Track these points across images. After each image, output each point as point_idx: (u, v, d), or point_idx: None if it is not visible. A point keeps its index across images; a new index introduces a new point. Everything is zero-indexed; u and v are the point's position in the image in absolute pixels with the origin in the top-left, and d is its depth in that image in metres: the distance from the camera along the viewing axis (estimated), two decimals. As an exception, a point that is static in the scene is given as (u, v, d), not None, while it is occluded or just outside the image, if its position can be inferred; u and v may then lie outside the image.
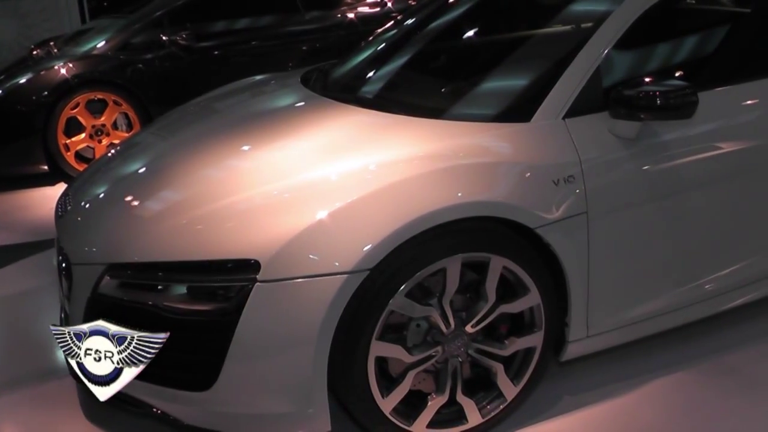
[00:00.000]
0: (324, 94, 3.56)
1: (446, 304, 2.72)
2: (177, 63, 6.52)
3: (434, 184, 2.69)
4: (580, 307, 2.96)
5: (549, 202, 2.79)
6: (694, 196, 3.18)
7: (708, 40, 3.68)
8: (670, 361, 3.39)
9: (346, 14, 6.98)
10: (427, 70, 3.71)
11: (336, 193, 2.69)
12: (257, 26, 7.04)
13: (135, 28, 6.69)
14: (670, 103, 2.87)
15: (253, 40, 6.84)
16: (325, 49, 6.59)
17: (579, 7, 3.48)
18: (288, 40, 6.77)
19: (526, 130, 2.93)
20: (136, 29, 6.67)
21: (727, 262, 3.40)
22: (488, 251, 2.72)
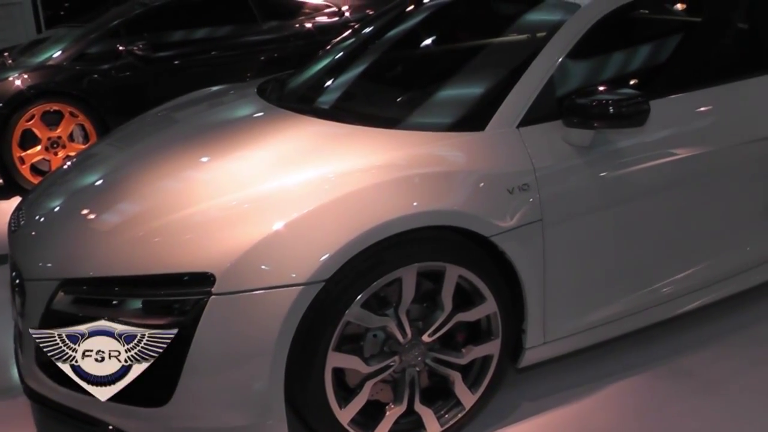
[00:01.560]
0: (280, 104, 3.55)
1: (402, 314, 2.73)
2: (134, 73, 6.47)
3: (389, 194, 2.70)
4: (537, 314, 2.98)
5: (504, 211, 2.81)
6: (648, 203, 3.22)
7: (661, 49, 3.74)
8: (627, 364, 3.42)
9: (304, 24, 6.99)
10: (383, 79, 3.73)
11: (291, 204, 2.69)
12: (215, 36, 7.02)
13: (91, 38, 6.64)
14: (623, 111, 2.90)
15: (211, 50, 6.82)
16: (283, 59, 6.59)
17: (533, 17, 3.50)
18: (246, 50, 6.75)
19: (480, 139, 2.95)
20: (92, 39, 6.62)
21: (681, 267, 3.45)
22: (444, 260, 2.73)
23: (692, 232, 3.46)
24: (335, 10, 7.17)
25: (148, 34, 6.67)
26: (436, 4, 4.01)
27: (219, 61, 6.71)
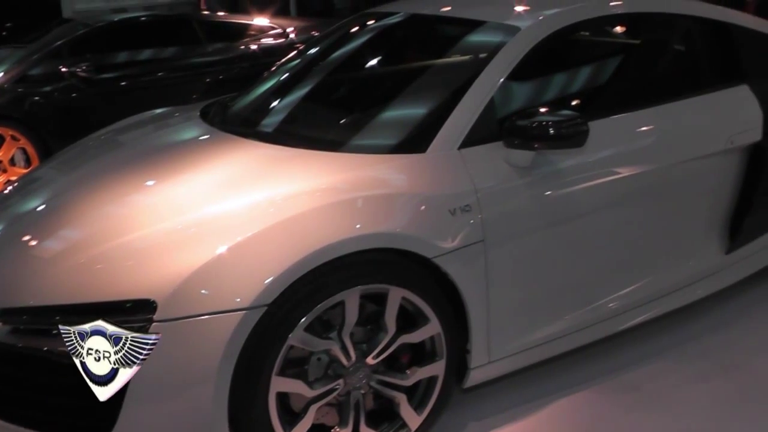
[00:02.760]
0: (223, 128, 3.53)
1: (346, 337, 2.72)
2: (77, 95, 6.40)
3: (332, 217, 2.70)
4: (481, 334, 3.00)
5: (446, 232, 2.83)
6: (590, 221, 3.27)
7: (601, 71, 3.81)
8: (573, 381, 3.46)
9: (249, 46, 6.97)
10: (326, 102, 3.73)
11: (234, 228, 2.67)
12: (159, 57, 6.97)
13: (33, 59, 6.54)
14: (563, 132, 2.95)
15: (156, 71, 6.76)
16: (228, 80, 6.56)
17: (474, 39, 3.53)
18: (191, 71, 6.72)
19: (422, 161, 2.97)
20: (34, 60, 6.53)
21: (624, 283, 3.51)
22: (387, 282, 2.74)
23: (634, 249, 3.52)
24: (280, 31, 7.16)
25: (91, 56, 6.60)
26: (379, 26, 4.03)
27: (164, 82, 6.64)
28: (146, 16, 7.93)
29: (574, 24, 3.55)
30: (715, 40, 3.94)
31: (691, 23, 3.93)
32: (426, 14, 3.95)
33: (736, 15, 4.06)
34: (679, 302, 3.73)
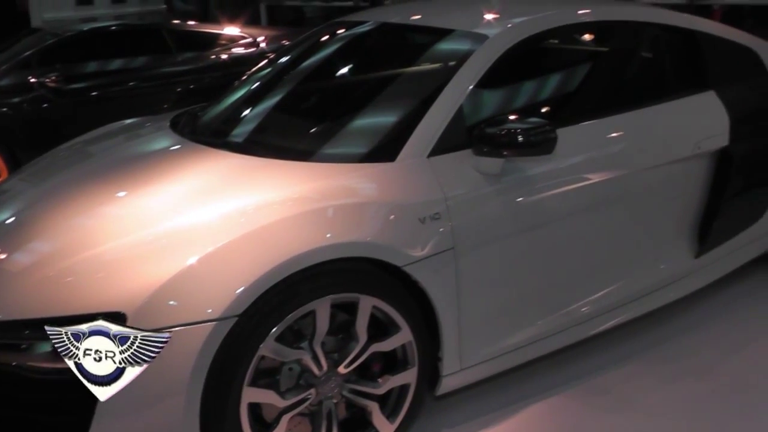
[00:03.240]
0: (193, 138, 3.52)
1: (317, 347, 2.72)
2: (47, 106, 6.33)
3: (302, 227, 2.70)
4: (453, 341, 3.01)
5: (416, 240, 2.84)
6: (560, 227, 3.29)
7: (570, 78, 3.84)
8: (545, 386, 3.48)
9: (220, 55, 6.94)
10: (296, 111, 3.72)
11: (204, 239, 2.66)
12: (130, 67, 6.92)
13: (1, 69, 6.46)
14: (531, 139, 2.97)
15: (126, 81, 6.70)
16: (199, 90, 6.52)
17: (442, 47, 3.54)
18: (161, 81, 6.66)
19: (391, 170, 2.98)
20: (2, 71, 6.45)
21: (596, 288, 3.54)
22: (357, 291, 2.74)
23: (606, 254, 3.54)
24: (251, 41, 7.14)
25: (60, 66, 6.53)
26: (349, 35, 4.03)
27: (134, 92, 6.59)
28: (116, 26, 7.88)
29: (543, 32, 3.58)
30: (682, 48, 3.99)
31: (659, 31, 3.98)
32: (395, 23, 3.97)
33: (702, 22, 4.11)
34: (650, 306, 3.76)
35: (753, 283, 4.40)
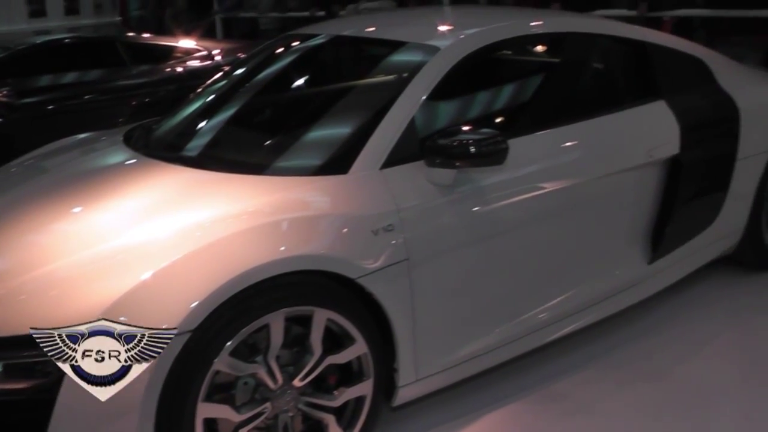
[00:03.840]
0: (147, 153, 3.50)
1: (272, 360, 2.71)
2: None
3: (256, 240, 2.70)
4: (408, 352, 3.02)
5: (369, 252, 2.85)
6: (515, 236, 3.32)
7: (524, 88, 3.88)
8: (502, 394, 3.50)
9: (175, 68, 6.88)
10: (250, 125, 3.72)
11: (158, 254, 2.65)
12: (83, 81, 6.82)
13: (-48, 85, 6.38)
14: (483, 150, 2.99)
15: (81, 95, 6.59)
16: (155, 103, 6.43)
17: (395, 60, 3.56)
18: (116, 94, 6.55)
19: (344, 182, 2.99)
20: (-47, 87, 6.36)
21: (551, 295, 3.57)
22: (311, 304, 2.74)
23: (560, 262, 3.58)
24: (206, 53, 7.10)
25: (12, 80, 6.44)
26: (303, 48, 4.04)
27: (88, 106, 6.47)
28: (70, 38, 7.76)
29: (495, 43, 3.62)
30: (632, 59, 4.06)
31: (610, 42, 4.04)
32: (349, 35, 3.99)
33: (652, 33, 4.18)
34: (605, 312, 3.80)
35: (705, 287, 4.47)
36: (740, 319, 4.19)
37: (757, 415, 3.36)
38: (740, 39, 6.90)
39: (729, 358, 3.86)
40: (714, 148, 4.13)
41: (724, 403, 3.46)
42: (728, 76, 4.38)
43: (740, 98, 4.27)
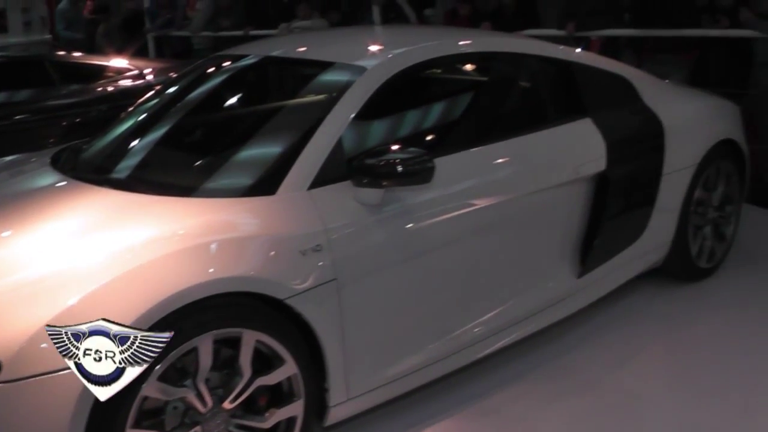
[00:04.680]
0: (75, 175, 3.46)
1: (201, 384, 2.70)
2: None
3: (184, 263, 2.69)
4: (338, 372, 3.03)
5: (298, 273, 2.86)
6: (444, 254, 3.35)
7: (452, 107, 3.93)
8: (435, 410, 3.52)
9: (106, 88, 6.78)
10: (179, 146, 3.70)
11: (84, 279, 2.62)
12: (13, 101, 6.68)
13: None
14: (410, 169, 3.02)
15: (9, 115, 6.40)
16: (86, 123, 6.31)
17: (323, 80, 3.58)
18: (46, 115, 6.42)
19: (272, 203, 2.99)
20: None
21: (482, 311, 3.61)
22: (240, 326, 2.73)
23: (490, 278, 3.63)
24: (137, 72, 7.02)
25: (-64, 101, 6.31)
26: (233, 68, 4.04)
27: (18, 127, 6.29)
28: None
29: (422, 63, 3.65)
30: (558, 77, 4.14)
31: (537, 62, 4.11)
32: (278, 56, 4.00)
33: (577, 53, 4.28)
34: (535, 326, 3.86)
35: (635, 300, 4.56)
36: (669, 329, 4.28)
37: (688, 422, 3.45)
38: (665, 57, 7.06)
39: (658, 368, 3.96)
40: (640, 164, 4.23)
41: (655, 412, 3.54)
42: (652, 93, 4.49)
43: (664, 115, 4.38)
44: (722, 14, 6.80)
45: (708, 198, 4.70)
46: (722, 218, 4.83)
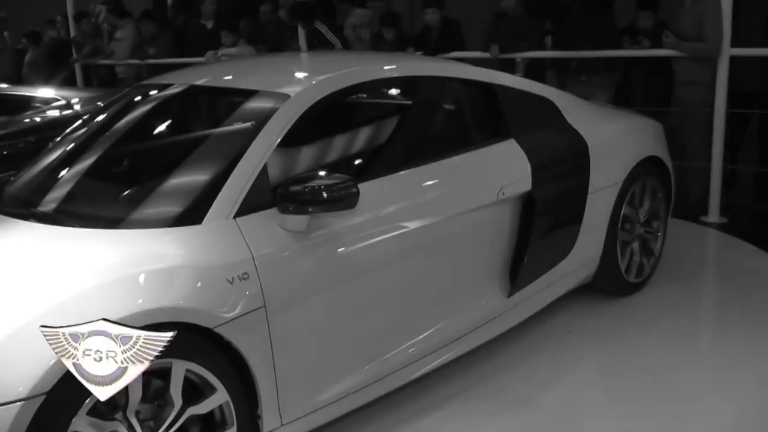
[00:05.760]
0: (0, 210, 3.43)
1: (132, 416, 2.69)
2: None
3: (110, 295, 2.68)
4: (270, 398, 3.03)
5: (225, 301, 2.86)
6: (372, 278, 3.38)
7: (377, 131, 3.96)
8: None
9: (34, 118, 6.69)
10: (105, 177, 3.66)
11: (10, 314, 2.60)
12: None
13: None
14: (335, 195, 3.05)
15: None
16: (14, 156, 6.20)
17: (246, 108, 3.58)
18: None
19: (198, 233, 2.99)
20: None
21: (413, 333, 3.64)
22: (169, 356, 2.70)
23: (420, 300, 3.66)
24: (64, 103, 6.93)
25: None
26: (157, 98, 4.02)
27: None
28: None
29: (346, 88, 3.68)
30: (482, 100, 4.21)
31: (460, 84, 4.18)
32: (202, 85, 4.00)
33: (500, 76, 4.34)
34: (468, 345, 3.90)
35: (567, 316, 4.66)
36: (602, 343, 4.37)
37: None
38: (588, 79, 7.23)
39: (592, 383, 4.04)
40: (566, 183, 4.32)
41: (591, 425, 3.62)
42: (576, 113, 4.60)
43: (588, 134, 4.49)
44: (642, 36, 7.00)
45: (635, 214, 4.82)
46: (649, 233, 4.95)
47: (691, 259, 5.65)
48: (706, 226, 6.50)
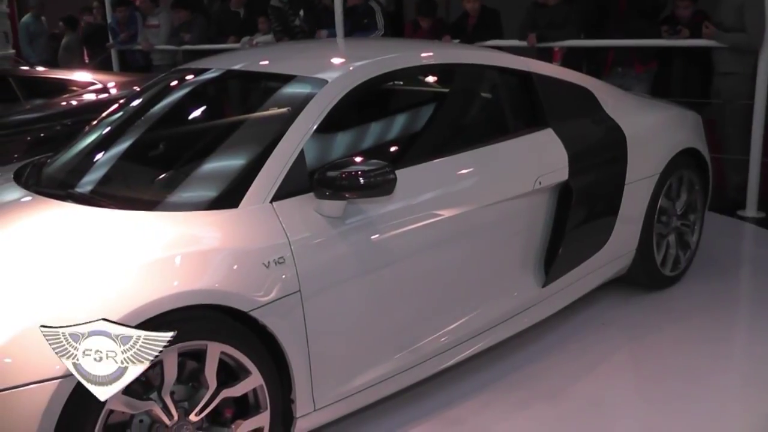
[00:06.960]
0: (37, 190, 3.46)
1: (167, 396, 2.70)
2: None
3: (147, 277, 2.69)
4: (304, 383, 3.04)
5: (261, 285, 2.87)
6: (407, 265, 3.37)
7: (415, 119, 3.96)
8: (402, 420, 3.54)
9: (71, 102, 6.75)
10: (142, 160, 3.70)
11: (48, 293, 2.62)
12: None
13: None
14: (371, 181, 3.04)
15: (-27, 131, 6.43)
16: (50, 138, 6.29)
17: (284, 93, 3.59)
18: (10, 130, 6.37)
19: (235, 216, 3.00)
20: None
21: (446, 322, 3.62)
22: (204, 339, 2.74)
23: (454, 289, 3.65)
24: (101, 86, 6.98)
25: None
26: (195, 82, 4.04)
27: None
28: (-40, 73, 7.57)
29: (383, 74, 3.67)
30: (519, 88, 4.18)
31: (498, 73, 4.15)
32: (240, 70, 4.01)
33: (538, 64, 4.31)
34: (500, 336, 3.89)
35: (600, 308, 4.62)
36: (634, 337, 4.33)
37: (654, 429, 3.48)
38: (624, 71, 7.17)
39: (624, 376, 4.00)
40: (603, 174, 4.28)
41: (621, 419, 3.59)
42: (614, 104, 4.55)
43: (626, 125, 4.45)
44: (682, 25, 6.91)
45: (671, 206, 4.77)
46: (686, 226, 4.90)
47: (727, 253, 5.58)
48: (743, 221, 6.42)
